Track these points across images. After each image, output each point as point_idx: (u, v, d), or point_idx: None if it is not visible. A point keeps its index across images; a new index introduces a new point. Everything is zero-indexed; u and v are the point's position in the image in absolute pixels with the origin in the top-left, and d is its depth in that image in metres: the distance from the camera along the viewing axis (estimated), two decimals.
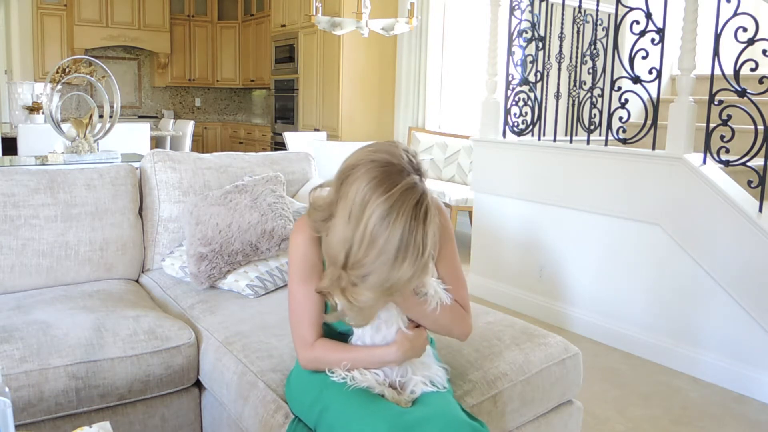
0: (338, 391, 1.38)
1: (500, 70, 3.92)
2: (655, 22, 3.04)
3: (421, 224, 1.25)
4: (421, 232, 1.25)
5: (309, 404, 1.43)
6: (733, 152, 2.80)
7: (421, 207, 1.26)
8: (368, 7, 4.78)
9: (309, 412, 1.43)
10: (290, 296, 1.48)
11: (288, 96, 7.64)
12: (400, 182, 1.25)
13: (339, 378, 1.40)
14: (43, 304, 2.02)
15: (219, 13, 9.64)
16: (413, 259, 1.25)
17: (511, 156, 3.82)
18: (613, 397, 2.72)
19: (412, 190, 1.25)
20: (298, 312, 1.46)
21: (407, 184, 1.25)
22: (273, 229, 2.28)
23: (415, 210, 1.24)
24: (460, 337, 1.52)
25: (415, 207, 1.24)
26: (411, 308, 1.40)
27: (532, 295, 3.74)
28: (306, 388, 1.46)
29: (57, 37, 8.35)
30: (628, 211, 3.17)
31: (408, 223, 1.23)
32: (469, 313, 1.52)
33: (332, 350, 1.43)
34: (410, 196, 1.25)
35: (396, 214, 1.23)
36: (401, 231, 1.23)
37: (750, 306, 2.71)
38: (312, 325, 1.45)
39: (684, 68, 2.93)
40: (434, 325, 1.46)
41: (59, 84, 4.73)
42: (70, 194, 2.30)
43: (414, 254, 1.24)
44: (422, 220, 1.25)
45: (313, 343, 1.45)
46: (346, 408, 1.34)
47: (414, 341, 1.40)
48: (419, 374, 1.43)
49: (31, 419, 1.70)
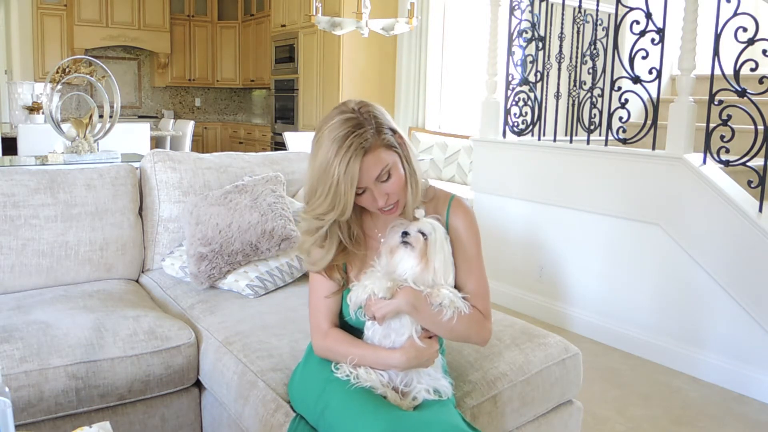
0: (341, 389, 1.38)
1: (500, 70, 3.92)
2: (655, 22, 3.04)
3: (343, 153, 1.29)
4: (343, 163, 1.29)
5: (312, 402, 1.43)
6: (733, 152, 2.80)
7: (348, 137, 1.31)
8: (368, 7, 4.77)
9: (312, 409, 1.43)
10: (310, 286, 1.53)
11: (288, 96, 7.64)
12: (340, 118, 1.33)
13: (343, 375, 1.40)
14: (43, 304, 2.02)
15: (219, 13, 9.64)
16: (325, 189, 1.31)
17: (511, 156, 3.82)
18: (613, 397, 2.72)
19: (346, 122, 1.32)
20: (314, 301, 1.50)
21: (343, 118, 1.33)
22: (273, 229, 2.28)
23: (342, 139, 1.31)
24: (479, 343, 1.51)
25: (343, 137, 1.31)
26: (425, 318, 1.39)
27: (532, 295, 3.74)
28: (309, 385, 1.47)
29: (57, 37, 8.35)
30: (627, 211, 3.17)
31: (330, 149, 1.31)
32: (489, 319, 1.49)
33: (343, 342, 1.45)
34: (343, 126, 1.31)
35: (319, 145, 1.33)
36: (324, 154, 1.31)
37: (750, 306, 2.71)
38: (327, 314, 1.48)
39: (684, 68, 2.93)
40: (450, 334, 1.45)
41: (59, 84, 4.73)
42: (70, 194, 2.30)
43: (327, 184, 1.31)
44: (345, 149, 1.30)
45: (327, 331, 1.47)
46: (347, 406, 1.34)
47: (421, 352, 1.39)
48: (424, 383, 1.42)
49: (31, 419, 1.70)
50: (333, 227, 1.42)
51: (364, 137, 1.31)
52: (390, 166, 1.35)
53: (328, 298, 1.48)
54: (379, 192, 1.36)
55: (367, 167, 1.32)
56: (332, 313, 1.49)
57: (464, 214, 1.49)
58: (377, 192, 1.36)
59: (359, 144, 1.31)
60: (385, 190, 1.36)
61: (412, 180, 1.41)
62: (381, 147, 1.34)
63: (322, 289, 1.49)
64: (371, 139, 1.32)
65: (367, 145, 1.32)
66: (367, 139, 1.32)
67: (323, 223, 1.38)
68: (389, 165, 1.35)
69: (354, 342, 1.45)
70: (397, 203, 1.40)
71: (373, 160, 1.33)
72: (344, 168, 1.30)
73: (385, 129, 1.36)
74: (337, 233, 1.43)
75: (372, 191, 1.36)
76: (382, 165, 1.34)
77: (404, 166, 1.40)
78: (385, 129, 1.36)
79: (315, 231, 1.41)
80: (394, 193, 1.38)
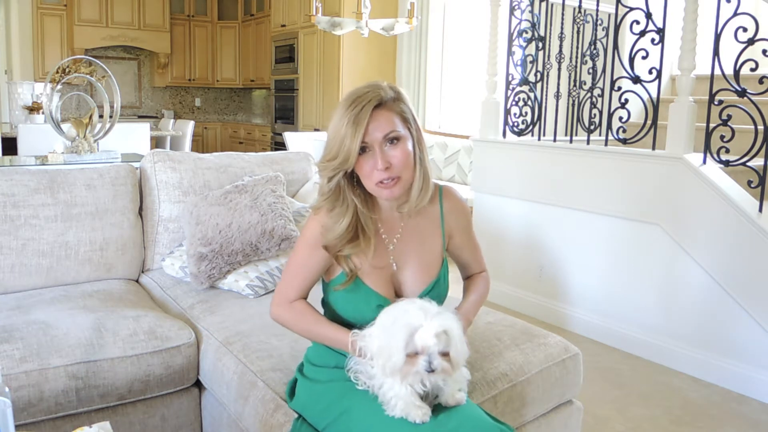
0: (362, 396, 1.35)
1: (500, 70, 3.92)
2: (655, 22, 3.04)
3: (357, 101, 1.33)
4: (356, 109, 1.32)
5: (323, 406, 1.41)
6: (733, 152, 2.80)
7: (367, 93, 1.34)
8: (368, 7, 4.77)
9: (322, 414, 1.41)
10: (292, 255, 1.51)
11: (288, 96, 7.64)
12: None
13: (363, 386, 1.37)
14: (43, 304, 2.02)
15: (219, 13, 9.64)
16: (336, 136, 1.34)
17: (511, 156, 3.82)
18: (613, 397, 2.72)
19: (370, 86, 1.36)
20: (292, 269, 1.49)
21: (370, 84, 1.37)
22: (273, 229, 2.28)
23: (361, 92, 1.35)
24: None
25: (362, 91, 1.35)
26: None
27: (532, 295, 3.74)
28: (321, 391, 1.44)
29: (57, 37, 8.35)
30: (627, 211, 3.17)
31: (348, 100, 1.35)
32: (485, 269, 1.66)
33: (303, 318, 1.47)
34: (367, 86, 1.36)
35: (340, 104, 1.35)
36: (342, 107, 1.35)
37: (750, 306, 2.71)
38: (301, 285, 1.48)
39: (684, 68, 2.93)
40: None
41: (59, 84, 4.73)
42: (70, 194, 2.30)
43: (338, 131, 1.34)
44: (360, 100, 1.33)
45: (293, 303, 1.48)
46: (374, 414, 1.30)
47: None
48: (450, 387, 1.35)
49: (31, 419, 1.70)
50: (347, 192, 1.41)
51: (380, 93, 1.35)
52: (400, 134, 1.37)
53: (310, 271, 1.46)
54: (382, 155, 1.35)
55: (377, 120, 1.34)
56: (306, 286, 1.48)
57: (457, 203, 1.57)
58: (381, 155, 1.34)
59: (374, 95, 1.34)
60: (389, 157, 1.35)
61: (421, 166, 1.42)
62: (395, 113, 1.37)
63: (311, 261, 1.45)
64: (386, 99, 1.36)
65: (383, 99, 1.35)
66: (384, 96, 1.36)
67: (331, 172, 1.38)
68: (399, 132, 1.36)
69: (314, 320, 1.46)
70: (398, 179, 1.37)
71: (385, 115, 1.35)
72: (355, 114, 1.32)
73: (404, 104, 1.40)
74: (352, 198, 1.41)
75: (375, 152, 1.35)
76: (392, 126, 1.36)
77: (414, 148, 1.40)
78: (404, 104, 1.40)
79: (326, 183, 1.41)
80: (397, 165, 1.36)
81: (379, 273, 1.46)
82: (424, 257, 1.50)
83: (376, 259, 1.45)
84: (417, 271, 1.49)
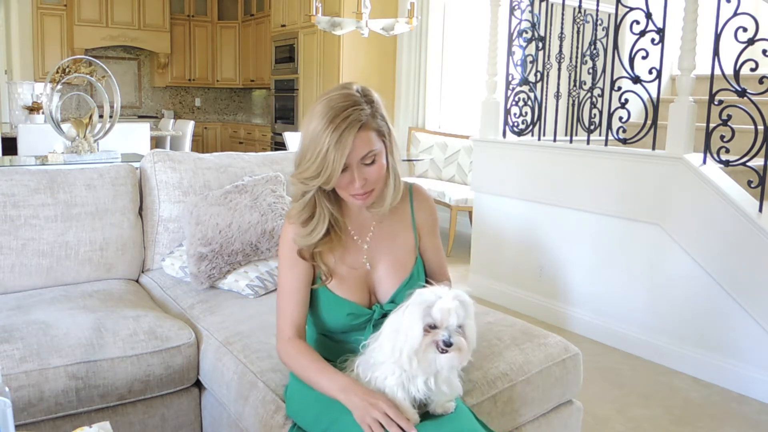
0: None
1: (500, 70, 3.92)
2: (655, 22, 3.04)
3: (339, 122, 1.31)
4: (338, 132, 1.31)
5: (313, 414, 1.41)
6: (733, 152, 2.80)
7: (347, 109, 1.33)
8: (368, 7, 4.78)
9: (313, 422, 1.41)
10: (278, 284, 1.52)
11: (288, 96, 7.64)
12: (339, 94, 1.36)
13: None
14: (43, 304, 2.02)
15: (219, 13, 9.64)
16: (314, 154, 1.33)
17: (511, 156, 3.82)
18: (613, 397, 2.72)
19: (347, 97, 1.35)
20: (282, 298, 1.49)
21: (345, 93, 1.36)
22: (273, 229, 2.28)
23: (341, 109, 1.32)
24: None
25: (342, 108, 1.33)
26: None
27: (531, 295, 3.74)
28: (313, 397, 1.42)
29: (57, 37, 8.35)
30: (627, 211, 3.17)
31: (326, 117, 1.33)
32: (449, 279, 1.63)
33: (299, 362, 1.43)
34: (344, 99, 1.34)
35: (315, 113, 1.34)
36: (319, 121, 1.33)
37: (750, 306, 2.71)
38: (293, 314, 1.47)
39: (684, 68, 2.93)
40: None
41: (59, 84, 4.73)
42: (70, 194, 2.30)
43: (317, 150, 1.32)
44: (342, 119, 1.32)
45: (291, 339, 1.46)
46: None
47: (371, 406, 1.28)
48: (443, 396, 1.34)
49: (31, 419, 1.70)
50: (321, 200, 1.43)
51: (361, 114, 1.34)
52: (376, 152, 1.38)
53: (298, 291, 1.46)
54: (359, 173, 1.37)
55: (358, 143, 1.34)
56: (299, 312, 1.47)
57: (426, 201, 1.59)
58: (358, 173, 1.37)
59: (356, 118, 1.33)
60: (365, 175, 1.38)
61: (393, 175, 1.44)
62: (373, 130, 1.37)
63: (295, 279, 1.46)
64: (366, 119, 1.35)
65: (363, 121, 1.35)
66: (364, 117, 1.35)
67: (308, 188, 1.40)
68: (376, 151, 1.38)
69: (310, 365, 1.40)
70: (371, 192, 1.41)
71: (365, 138, 1.35)
72: (337, 137, 1.31)
73: (379, 117, 1.40)
74: (326, 206, 1.44)
75: (353, 171, 1.37)
76: (371, 147, 1.36)
77: (387, 159, 1.42)
78: (379, 117, 1.40)
79: (300, 196, 1.43)
80: (373, 180, 1.39)
81: (354, 276, 1.49)
82: (397, 255, 1.53)
83: (350, 260, 1.49)
84: (390, 268, 1.51)
